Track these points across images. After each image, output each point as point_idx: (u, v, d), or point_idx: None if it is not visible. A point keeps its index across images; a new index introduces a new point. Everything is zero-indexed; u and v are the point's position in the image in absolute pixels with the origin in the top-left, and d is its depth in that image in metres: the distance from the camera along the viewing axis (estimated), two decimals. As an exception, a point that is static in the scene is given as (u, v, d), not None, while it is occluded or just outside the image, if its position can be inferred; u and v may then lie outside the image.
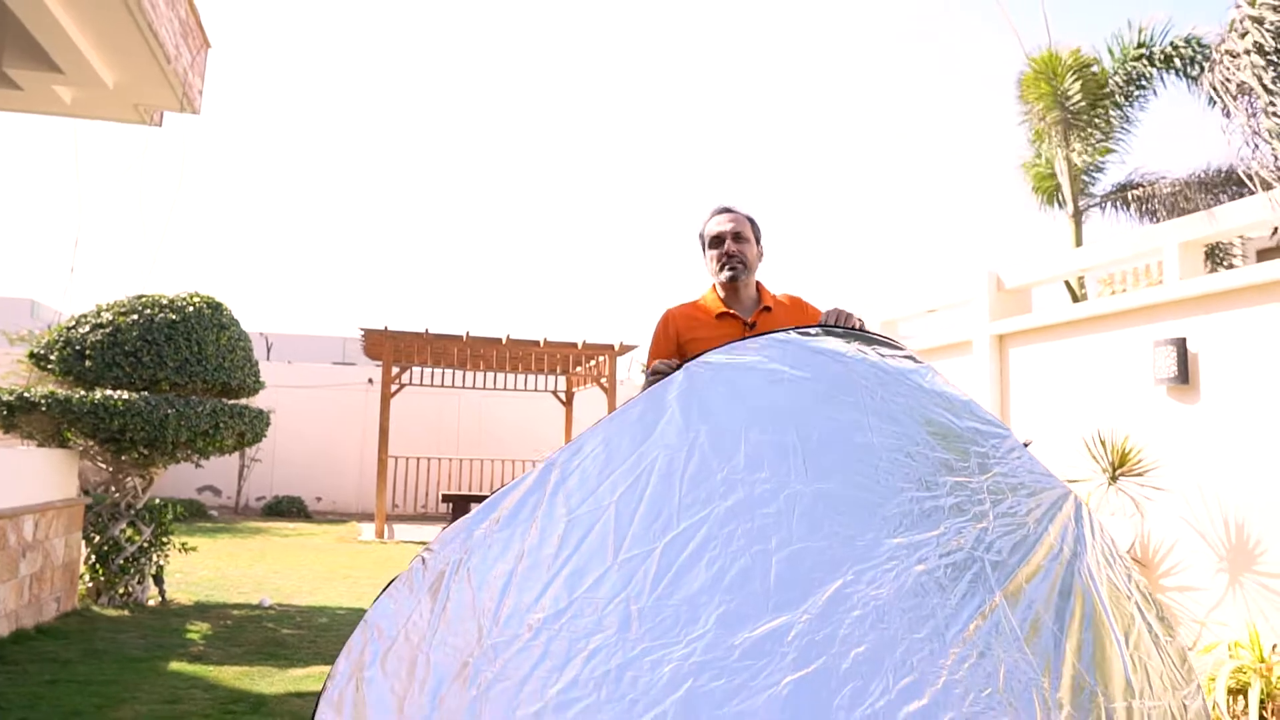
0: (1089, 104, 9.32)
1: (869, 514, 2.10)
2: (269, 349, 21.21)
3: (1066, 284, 9.34)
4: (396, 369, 14.48)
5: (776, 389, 2.23)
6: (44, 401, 6.62)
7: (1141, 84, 9.36)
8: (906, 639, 1.95)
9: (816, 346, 2.34)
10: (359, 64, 47.36)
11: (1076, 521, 2.31)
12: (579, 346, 14.46)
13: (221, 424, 7.17)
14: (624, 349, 14.55)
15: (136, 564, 7.21)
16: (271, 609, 7.33)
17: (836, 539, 2.04)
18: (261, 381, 7.99)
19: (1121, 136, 9.70)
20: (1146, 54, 9.20)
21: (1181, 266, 5.68)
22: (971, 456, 2.27)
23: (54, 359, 7.11)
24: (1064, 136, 9.54)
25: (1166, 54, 9.09)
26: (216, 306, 7.65)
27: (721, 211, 2.96)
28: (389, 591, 1.95)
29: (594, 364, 15.50)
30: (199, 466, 9.16)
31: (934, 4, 40.38)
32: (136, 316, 7.22)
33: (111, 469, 7.38)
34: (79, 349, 7.07)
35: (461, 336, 13.86)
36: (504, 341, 14.11)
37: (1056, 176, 10.18)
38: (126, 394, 6.78)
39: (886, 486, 2.15)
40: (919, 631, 1.97)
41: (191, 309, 7.43)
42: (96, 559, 7.12)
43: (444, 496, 15.14)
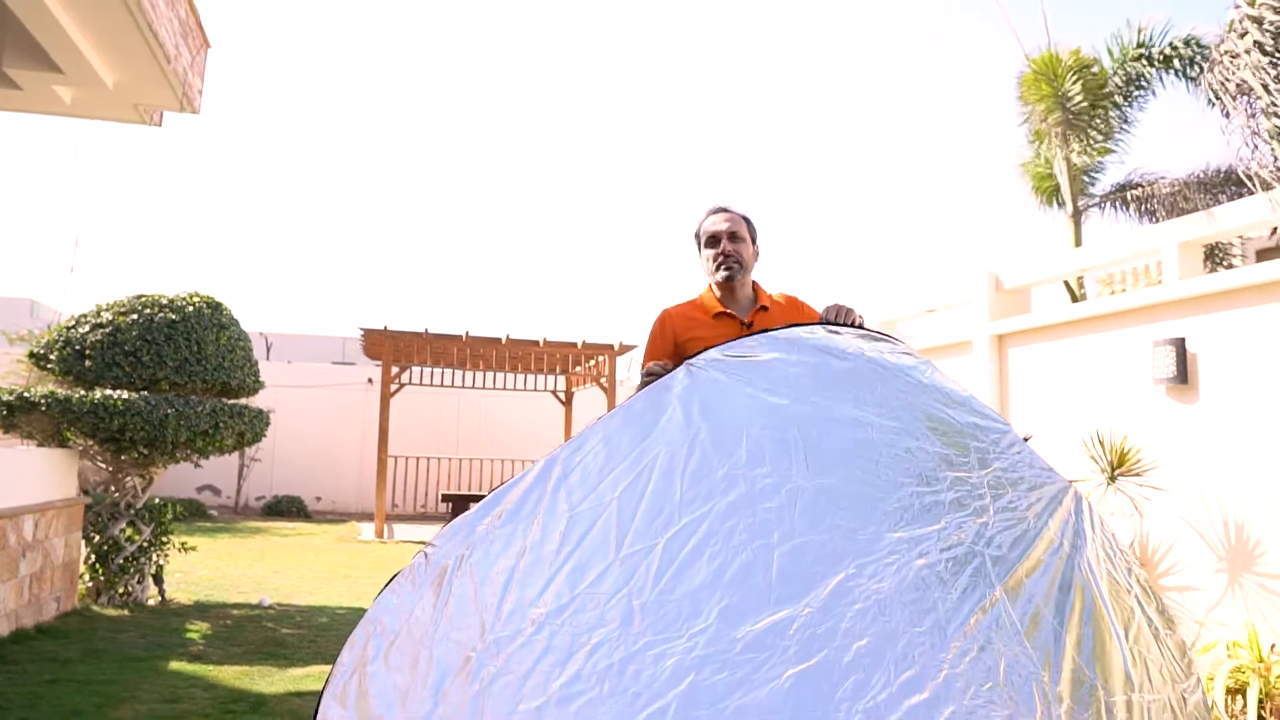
0: (1089, 105, 9.32)
1: (870, 508, 2.10)
2: (269, 349, 21.21)
3: (1066, 284, 9.34)
4: (396, 369, 14.48)
5: (777, 385, 2.24)
6: (44, 401, 6.63)
7: (1141, 84, 9.36)
8: (908, 632, 1.96)
9: (817, 343, 2.34)
10: (359, 64, 47.40)
11: (1077, 516, 2.33)
12: (579, 346, 14.46)
13: (221, 424, 7.17)
14: (624, 349, 14.55)
15: (136, 564, 7.21)
16: (271, 608, 7.34)
17: (838, 533, 2.05)
18: (261, 381, 8.00)
19: (1121, 137, 9.70)
20: (1146, 54, 9.20)
21: (1181, 266, 5.68)
22: (972, 451, 2.28)
23: (54, 359, 7.11)
24: (1064, 137, 9.54)
25: (1166, 54, 9.09)
26: (216, 306, 7.66)
27: (717, 211, 2.95)
28: (392, 586, 1.95)
29: (593, 364, 15.50)
30: (198, 466, 9.15)
31: (934, 4, 40.43)
32: (136, 316, 7.22)
33: (111, 469, 7.39)
34: (79, 349, 7.08)
35: (461, 336, 13.86)
36: (503, 341, 14.11)
37: (1056, 177, 10.18)
38: (126, 394, 6.79)
39: (887, 481, 2.15)
40: (920, 625, 1.98)
41: (191, 309, 7.44)
42: (96, 559, 7.13)
43: (443, 496, 15.13)
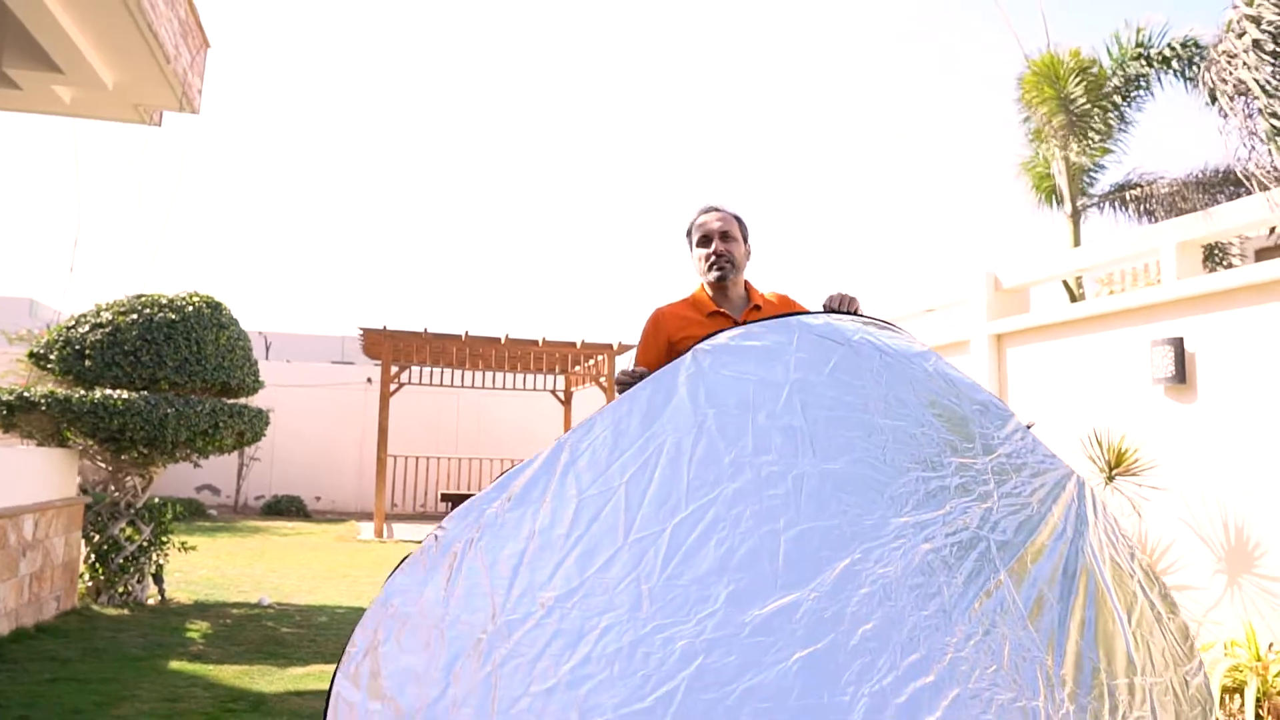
0: (1090, 105, 9.33)
1: (876, 494, 2.12)
2: (268, 348, 21.21)
3: (1064, 284, 9.34)
4: (395, 368, 14.49)
5: (783, 372, 2.24)
6: (44, 401, 6.63)
7: (1139, 85, 9.37)
8: (913, 616, 1.98)
9: (821, 330, 2.35)
10: (359, 64, 47.37)
11: (1080, 502, 2.34)
12: (578, 346, 14.47)
13: (221, 423, 7.18)
14: (623, 348, 14.56)
15: (136, 563, 7.22)
16: (271, 608, 7.35)
17: (844, 518, 2.06)
18: (261, 381, 8.00)
19: (1120, 137, 9.70)
20: (1144, 55, 9.21)
21: (1179, 266, 5.70)
22: (976, 438, 2.30)
23: (53, 358, 7.12)
24: (1064, 138, 9.54)
25: (1164, 55, 9.10)
26: (216, 306, 7.66)
27: (708, 210, 2.93)
28: (402, 568, 1.97)
29: (593, 363, 15.51)
30: (198, 466, 9.15)
31: (934, 4, 40.44)
32: (136, 316, 7.23)
33: (111, 468, 7.39)
34: (78, 348, 7.08)
35: (460, 336, 13.86)
36: (503, 341, 14.12)
37: (1055, 177, 10.18)
38: (126, 393, 6.79)
39: (893, 467, 2.17)
40: (926, 609, 2.00)
41: (191, 308, 7.44)
42: (96, 558, 7.13)
43: (443, 496, 15.16)
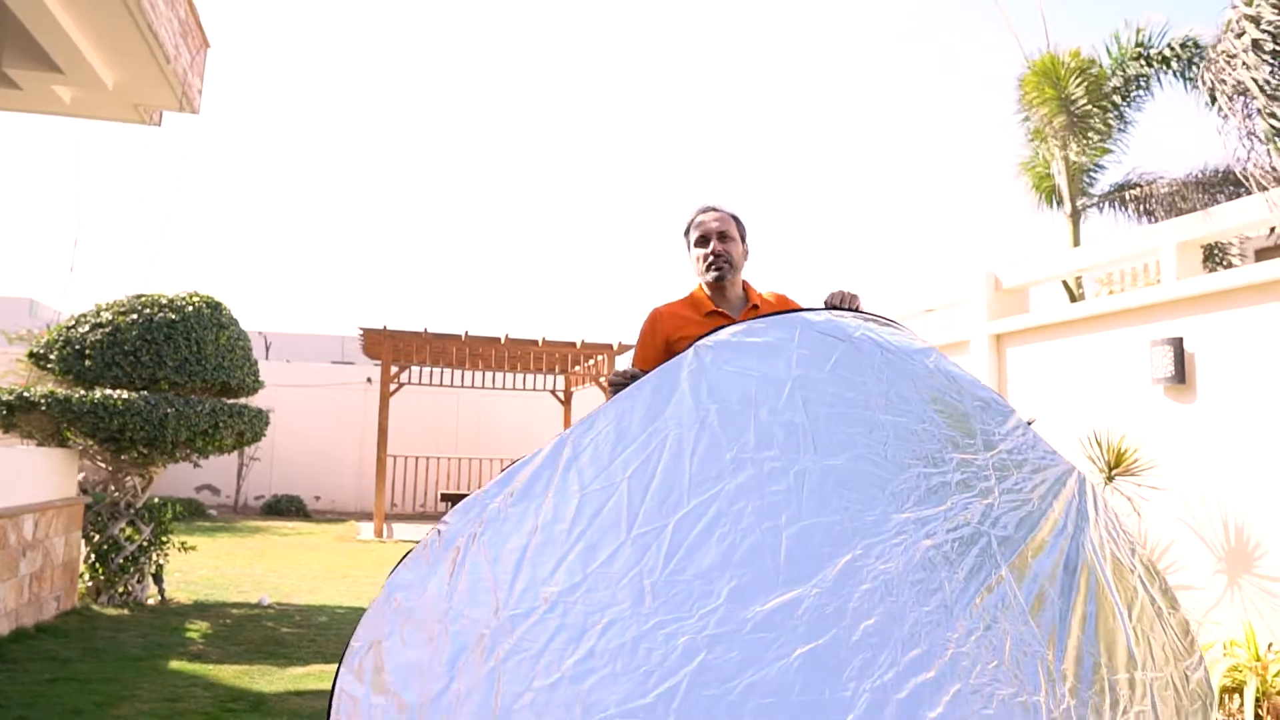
0: (1090, 106, 9.33)
1: (877, 490, 2.13)
2: (268, 348, 21.21)
3: (1064, 284, 9.34)
4: (395, 368, 14.49)
5: (784, 368, 2.25)
6: (44, 401, 6.63)
7: (1139, 85, 9.37)
8: (915, 612, 1.99)
9: (823, 327, 2.35)
10: (359, 64, 47.36)
11: (1080, 497, 2.35)
12: (578, 346, 14.47)
13: (221, 423, 7.18)
14: (623, 348, 14.55)
15: (136, 563, 7.22)
16: (271, 608, 7.35)
17: (845, 514, 2.07)
18: (261, 381, 8.01)
19: (1119, 137, 9.71)
20: (1144, 55, 9.21)
21: (1179, 266, 5.70)
22: (977, 434, 2.30)
23: (54, 358, 7.12)
24: (1064, 139, 9.55)
25: (1164, 55, 9.10)
26: (216, 306, 7.66)
27: (706, 210, 2.92)
28: (405, 563, 1.97)
29: (592, 363, 15.50)
30: (198, 466, 9.15)
31: (934, 4, 40.43)
32: (136, 316, 7.23)
33: (111, 468, 7.39)
34: (78, 348, 7.08)
35: (460, 336, 13.86)
36: (503, 341, 14.12)
37: (1055, 177, 10.18)
38: (126, 393, 6.79)
39: (894, 463, 2.17)
40: (927, 605, 2.01)
41: (191, 308, 7.44)
42: (96, 558, 7.14)
43: (443, 496, 15.16)
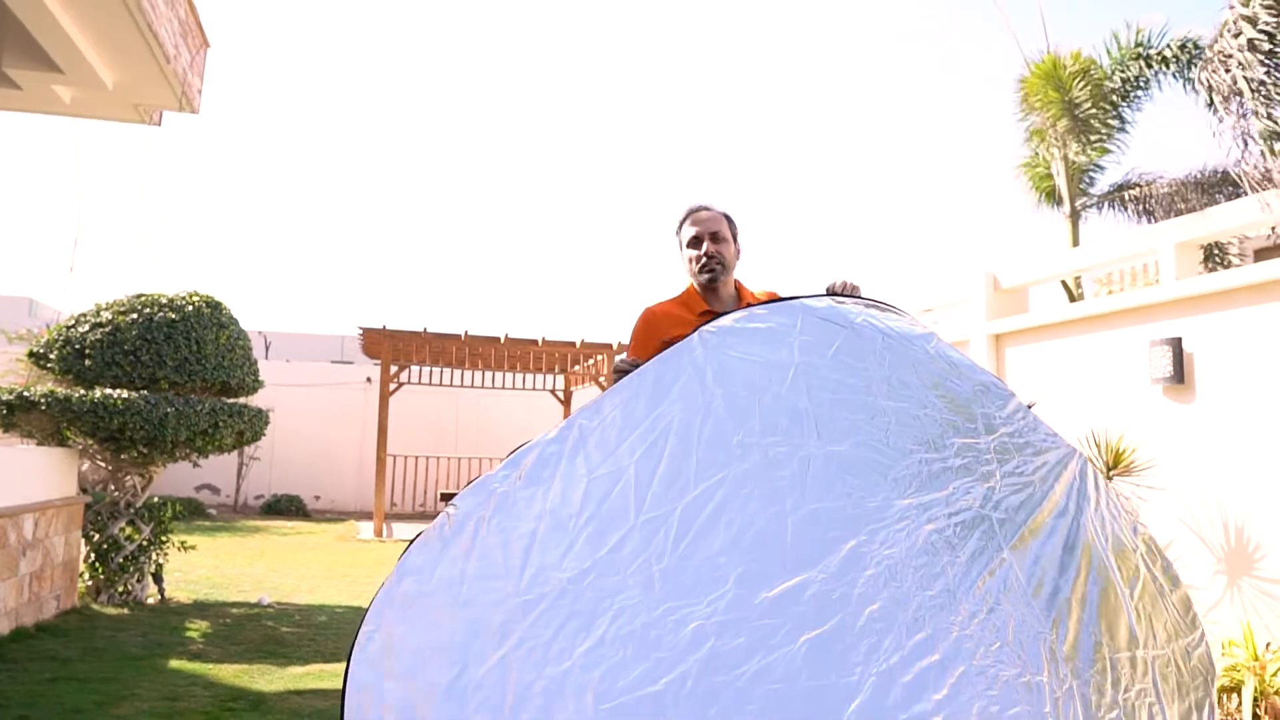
0: (1093, 108, 9.33)
1: (880, 476, 2.15)
2: (267, 347, 21.21)
3: (1063, 284, 9.35)
4: (395, 368, 14.49)
5: (788, 354, 2.27)
6: (44, 400, 6.64)
7: (1139, 85, 9.38)
8: (919, 596, 2.01)
9: (824, 313, 2.37)
10: (359, 64, 47.36)
11: (1081, 479, 2.36)
12: (577, 345, 14.48)
13: (221, 423, 7.19)
14: (622, 348, 14.55)
15: (136, 562, 7.23)
16: (270, 607, 7.35)
17: (849, 500, 2.09)
18: (260, 380, 8.01)
19: (1119, 137, 9.71)
20: (1144, 56, 9.22)
21: (1178, 266, 5.70)
22: (978, 418, 2.32)
23: (53, 358, 7.13)
24: (1064, 139, 9.55)
25: (1164, 56, 9.11)
26: (215, 305, 7.67)
27: (697, 210, 2.91)
28: (415, 546, 1.98)
29: (592, 363, 15.51)
30: (197, 465, 9.15)
31: (934, 4, 40.43)
32: (136, 315, 7.23)
33: (111, 467, 7.40)
34: (78, 348, 7.09)
35: (460, 335, 13.86)
36: (502, 340, 14.12)
37: (1054, 177, 10.19)
38: (126, 393, 6.80)
39: (896, 449, 2.19)
40: (930, 589, 2.03)
41: (191, 308, 7.45)
42: (96, 557, 7.14)
43: (442, 495, 15.14)
